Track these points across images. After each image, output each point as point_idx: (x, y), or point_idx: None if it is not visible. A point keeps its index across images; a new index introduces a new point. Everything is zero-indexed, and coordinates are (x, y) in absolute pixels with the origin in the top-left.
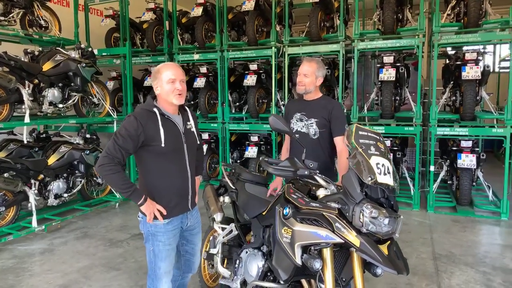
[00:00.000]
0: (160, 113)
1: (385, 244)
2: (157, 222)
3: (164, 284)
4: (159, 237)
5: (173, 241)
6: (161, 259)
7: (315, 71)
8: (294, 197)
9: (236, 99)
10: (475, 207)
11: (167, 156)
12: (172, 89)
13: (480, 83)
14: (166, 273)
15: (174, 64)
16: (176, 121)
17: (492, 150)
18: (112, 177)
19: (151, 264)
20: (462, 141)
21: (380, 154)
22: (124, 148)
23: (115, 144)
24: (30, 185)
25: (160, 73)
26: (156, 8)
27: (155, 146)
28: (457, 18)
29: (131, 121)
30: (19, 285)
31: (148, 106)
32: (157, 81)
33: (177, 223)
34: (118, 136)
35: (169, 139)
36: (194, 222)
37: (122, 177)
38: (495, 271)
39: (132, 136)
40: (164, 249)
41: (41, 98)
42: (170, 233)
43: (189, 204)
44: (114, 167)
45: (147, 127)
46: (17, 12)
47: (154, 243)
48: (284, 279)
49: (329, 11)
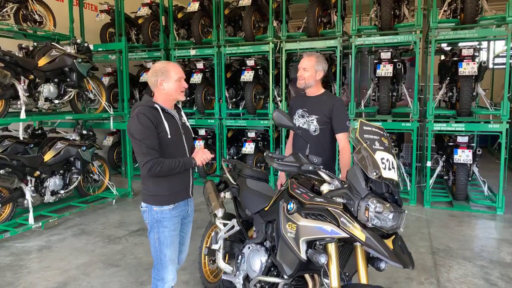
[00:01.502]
0: (161, 108)
1: (390, 238)
2: (163, 209)
3: (170, 273)
4: (164, 223)
5: (177, 227)
6: (167, 245)
7: (314, 65)
8: (298, 192)
9: (233, 95)
10: (471, 202)
11: (172, 146)
12: (179, 86)
13: (476, 79)
14: (172, 260)
15: (176, 63)
16: (174, 115)
17: (485, 146)
18: (162, 170)
19: (156, 253)
20: (458, 137)
21: (384, 149)
22: (153, 144)
23: (145, 146)
24: (26, 181)
25: (169, 71)
26: (152, 3)
27: (163, 138)
28: (454, 14)
29: (143, 118)
30: (18, 282)
31: (149, 103)
32: (164, 78)
33: (180, 209)
34: (141, 138)
35: (172, 130)
36: (191, 210)
37: (168, 163)
38: (492, 264)
39: (152, 130)
40: (170, 235)
41: (36, 93)
42: (175, 218)
43: (190, 191)
44: (157, 162)
45: (155, 119)
46: (11, 7)
47: (159, 230)
48: (289, 274)
49: (326, 6)
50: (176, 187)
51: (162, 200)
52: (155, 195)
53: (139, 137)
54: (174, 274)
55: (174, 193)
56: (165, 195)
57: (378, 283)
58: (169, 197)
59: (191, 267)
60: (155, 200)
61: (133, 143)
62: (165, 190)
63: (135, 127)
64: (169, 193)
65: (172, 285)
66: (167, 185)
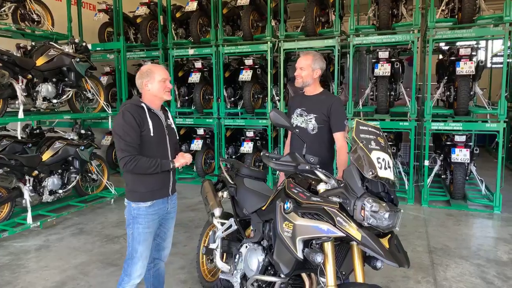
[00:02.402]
0: (147, 108)
1: (386, 237)
2: (140, 205)
3: (138, 268)
4: (140, 219)
5: (152, 225)
6: (139, 242)
7: (311, 64)
8: (294, 191)
9: (231, 94)
10: (469, 201)
11: (153, 145)
12: (164, 86)
13: (474, 78)
14: (143, 257)
15: (162, 65)
16: (160, 116)
17: (484, 145)
18: (137, 167)
19: (129, 247)
20: (456, 136)
21: (380, 149)
22: (132, 141)
23: (124, 142)
24: (24, 181)
25: (153, 73)
26: (150, 2)
27: (145, 135)
28: (452, 14)
29: (127, 115)
30: (16, 282)
31: (136, 102)
32: (149, 79)
33: (157, 208)
34: (121, 134)
35: (156, 129)
36: (172, 207)
37: (144, 161)
38: (489, 263)
39: (134, 127)
40: (143, 232)
41: (34, 93)
42: (150, 216)
43: (170, 190)
44: (133, 158)
45: (139, 117)
46: (9, 6)
47: (134, 226)
48: (286, 273)
49: (324, 6)
50: (154, 185)
51: (139, 197)
52: (133, 191)
53: (120, 133)
54: (141, 271)
55: (152, 190)
56: (142, 192)
57: (374, 281)
58: (147, 194)
59: (189, 266)
60: (133, 196)
61: (114, 138)
62: (142, 187)
63: (118, 123)
64: (147, 190)
65: (138, 282)
66: (145, 182)
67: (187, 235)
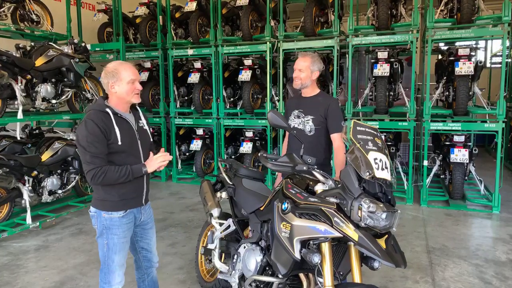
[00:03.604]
0: (112, 113)
1: (383, 238)
2: (113, 215)
3: (117, 277)
4: (114, 230)
5: (128, 234)
6: (115, 252)
7: (309, 66)
8: (292, 192)
9: (230, 94)
10: (468, 201)
11: (123, 153)
12: (132, 89)
13: (473, 78)
14: (120, 266)
15: (131, 64)
16: (129, 119)
17: (483, 145)
18: (106, 178)
19: (103, 258)
20: (454, 136)
21: (377, 150)
22: (98, 152)
23: (89, 154)
24: (23, 181)
25: (119, 72)
26: (150, 2)
27: (112, 145)
28: (450, 14)
29: (90, 125)
30: (15, 282)
31: (99, 107)
32: (115, 80)
33: (131, 217)
34: (85, 146)
35: (124, 136)
36: (147, 217)
37: (113, 170)
38: (487, 263)
39: (98, 137)
40: (119, 242)
41: (34, 93)
42: (125, 226)
43: (143, 199)
44: (100, 170)
45: (104, 126)
46: (8, 7)
47: (108, 237)
48: (283, 273)
49: (323, 6)
50: (127, 194)
51: (111, 206)
52: (104, 200)
53: (84, 144)
54: (121, 278)
55: (125, 200)
56: (114, 201)
57: (373, 281)
58: (119, 203)
59: (188, 266)
60: (104, 206)
61: (78, 150)
62: (115, 196)
63: (81, 134)
64: (119, 199)
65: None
66: (117, 191)
67: (186, 235)
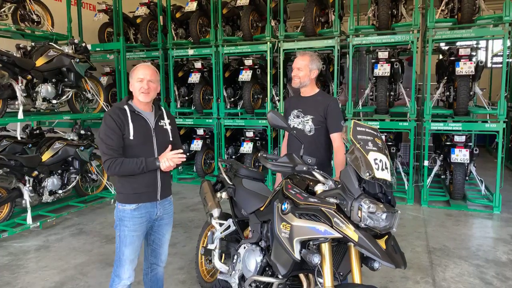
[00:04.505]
0: (130, 110)
1: (383, 238)
2: (125, 207)
3: (126, 271)
4: (125, 222)
5: (139, 228)
6: (125, 244)
7: (308, 64)
8: (292, 192)
9: (231, 94)
10: (468, 201)
11: (136, 148)
12: (139, 87)
13: (473, 78)
14: (130, 260)
15: (148, 65)
16: (147, 117)
17: (484, 145)
18: (122, 169)
19: (117, 250)
20: (455, 136)
21: (377, 150)
22: (113, 144)
23: (105, 145)
24: (24, 181)
25: (133, 72)
26: (150, 2)
27: (125, 139)
28: (451, 14)
29: (108, 119)
30: (15, 282)
31: (119, 104)
32: (131, 80)
33: (144, 211)
34: (103, 138)
35: (138, 132)
36: (164, 213)
37: (128, 162)
38: (488, 264)
39: (115, 130)
40: (129, 235)
41: (34, 94)
42: (136, 219)
43: (158, 195)
44: (116, 161)
45: (119, 120)
46: (9, 7)
47: (121, 228)
48: (283, 274)
49: (324, 6)
50: (139, 188)
51: (124, 198)
52: (120, 193)
53: (102, 137)
54: (130, 274)
55: (138, 193)
56: (128, 194)
57: (373, 282)
58: (132, 197)
59: (188, 266)
60: (119, 198)
61: (97, 143)
62: (128, 189)
63: (101, 127)
64: (132, 192)
65: (129, 283)
66: (131, 185)
67: (186, 235)
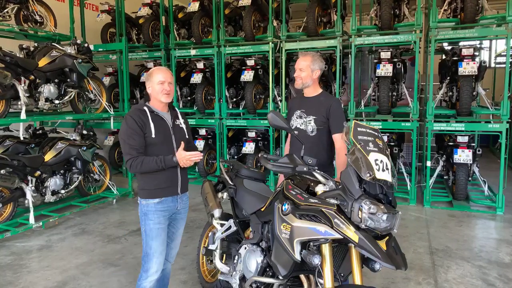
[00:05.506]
0: (149, 110)
1: (384, 239)
2: (149, 202)
3: (154, 265)
4: (150, 215)
5: (163, 221)
6: (152, 237)
7: (310, 65)
8: (292, 193)
9: (233, 94)
10: (471, 202)
11: (157, 146)
12: (161, 89)
13: (476, 78)
14: (157, 252)
15: (165, 68)
16: (164, 117)
17: (487, 145)
18: (143, 167)
19: (144, 245)
20: (458, 136)
21: (378, 151)
22: (135, 144)
23: (128, 145)
24: (27, 181)
25: (152, 75)
26: (152, 3)
27: (148, 138)
28: (454, 14)
29: (129, 120)
30: (18, 282)
31: (139, 106)
32: (149, 82)
33: (167, 205)
34: (125, 138)
35: (159, 131)
36: (182, 207)
37: (148, 160)
38: (490, 265)
39: (136, 130)
40: (154, 228)
41: (37, 94)
42: (160, 212)
43: (179, 189)
44: (137, 160)
45: (141, 121)
46: (12, 7)
47: (146, 223)
48: (283, 275)
49: (326, 6)
50: (161, 183)
51: (148, 194)
52: (143, 189)
53: (124, 137)
54: (158, 267)
55: (160, 188)
56: (150, 189)
57: (375, 283)
58: (155, 192)
59: (190, 267)
60: (143, 194)
61: (120, 143)
62: (151, 185)
63: (122, 128)
64: (155, 188)
65: (156, 278)
66: (153, 180)
67: (188, 236)
